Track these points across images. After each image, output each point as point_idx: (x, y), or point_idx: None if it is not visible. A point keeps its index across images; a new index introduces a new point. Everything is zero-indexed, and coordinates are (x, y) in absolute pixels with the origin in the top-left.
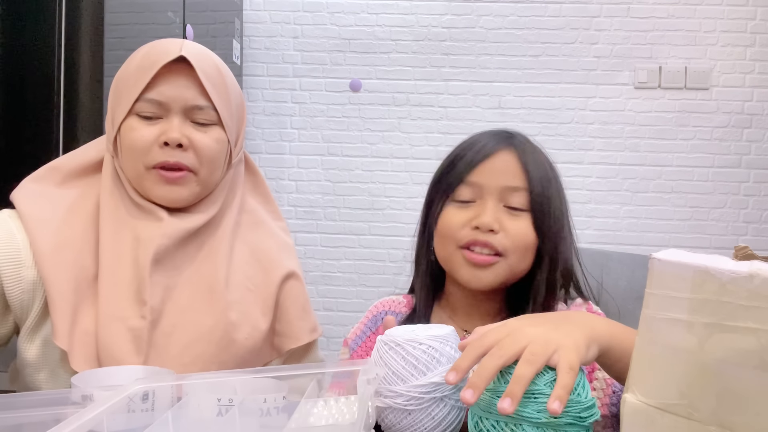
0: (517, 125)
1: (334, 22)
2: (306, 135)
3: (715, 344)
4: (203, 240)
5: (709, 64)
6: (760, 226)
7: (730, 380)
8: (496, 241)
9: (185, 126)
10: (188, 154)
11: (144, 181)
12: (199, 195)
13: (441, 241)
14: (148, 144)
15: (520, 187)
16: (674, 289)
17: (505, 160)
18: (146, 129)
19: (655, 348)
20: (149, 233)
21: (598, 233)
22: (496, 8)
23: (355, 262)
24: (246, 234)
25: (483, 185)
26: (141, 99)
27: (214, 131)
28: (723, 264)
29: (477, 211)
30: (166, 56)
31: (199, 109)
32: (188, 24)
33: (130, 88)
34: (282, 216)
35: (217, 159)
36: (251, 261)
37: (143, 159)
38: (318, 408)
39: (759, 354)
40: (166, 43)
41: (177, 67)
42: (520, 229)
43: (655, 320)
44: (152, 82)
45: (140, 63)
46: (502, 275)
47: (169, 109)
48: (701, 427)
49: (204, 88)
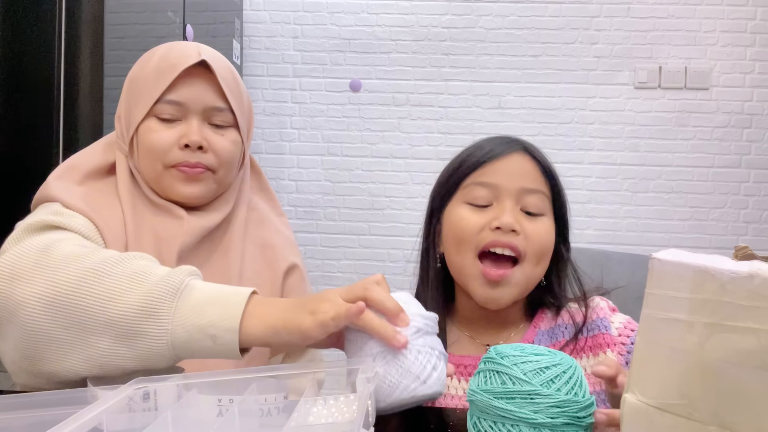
0: (517, 125)
1: (334, 22)
2: (306, 135)
3: (715, 344)
4: (219, 237)
5: (709, 64)
6: (760, 226)
7: (730, 380)
8: (518, 242)
9: (204, 128)
10: (208, 156)
11: (162, 179)
12: (215, 193)
13: (455, 247)
14: (168, 146)
15: (537, 190)
16: (674, 289)
17: (520, 162)
18: (166, 131)
19: (655, 348)
20: (171, 231)
21: (598, 233)
22: (496, 8)
23: (355, 262)
24: (253, 231)
25: (500, 186)
26: (161, 101)
27: (231, 133)
28: (723, 264)
29: (496, 213)
30: (186, 59)
31: (218, 111)
32: (188, 24)
33: (149, 90)
34: (283, 212)
35: (234, 160)
36: (258, 257)
37: (163, 159)
38: (317, 407)
39: (759, 354)
40: (183, 46)
41: (196, 71)
42: (539, 231)
43: (655, 320)
44: (172, 85)
45: (158, 65)
46: (516, 289)
47: (188, 111)
48: (701, 427)
49: (222, 90)
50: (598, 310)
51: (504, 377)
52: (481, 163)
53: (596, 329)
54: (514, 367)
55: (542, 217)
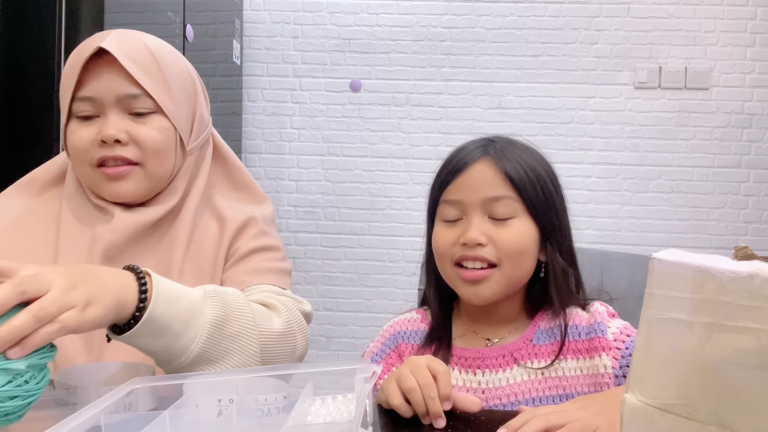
0: (517, 125)
1: (334, 22)
2: (306, 135)
3: (715, 344)
4: (164, 230)
5: (709, 64)
6: (760, 226)
7: (730, 380)
8: (486, 253)
9: (123, 120)
10: (129, 148)
11: (92, 181)
12: (152, 187)
13: (438, 260)
14: (88, 144)
15: (502, 195)
16: (674, 289)
17: (481, 171)
18: (85, 130)
19: (655, 348)
20: (102, 230)
21: (598, 233)
22: (496, 8)
23: (355, 262)
24: (208, 222)
25: (464, 201)
26: (75, 99)
27: (155, 120)
28: (723, 264)
29: (464, 228)
30: (87, 51)
31: (132, 98)
32: (188, 24)
33: (65, 90)
34: (264, 199)
35: (164, 149)
36: (208, 241)
37: (86, 159)
38: (315, 407)
39: (759, 354)
40: (92, 38)
41: (103, 60)
42: (509, 236)
43: (655, 320)
44: (81, 80)
45: (69, 63)
46: (499, 287)
47: (103, 105)
48: (701, 427)
49: (132, 76)
50: (596, 315)
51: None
52: (447, 183)
53: (593, 332)
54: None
55: (512, 220)
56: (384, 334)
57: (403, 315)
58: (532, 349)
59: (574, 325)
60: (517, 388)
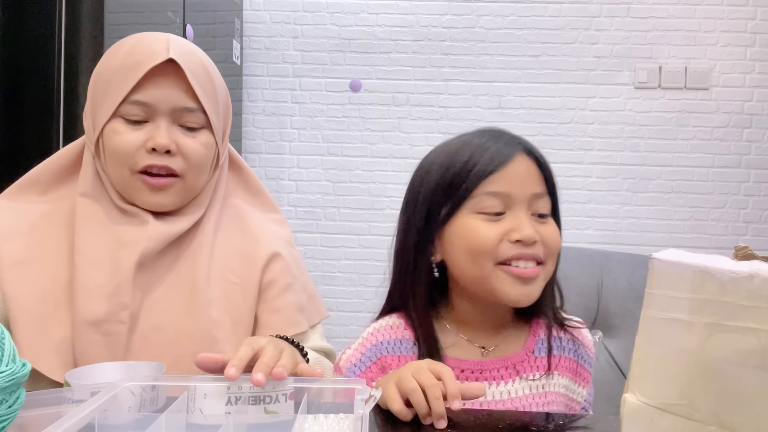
0: (517, 125)
1: (334, 22)
2: (306, 135)
3: (715, 344)
4: (188, 242)
5: (709, 64)
6: (760, 226)
7: (730, 380)
8: (540, 251)
9: (173, 130)
10: (176, 159)
11: (129, 186)
12: (185, 200)
13: (471, 259)
14: (134, 149)
15: (543, 193)
16: (674, 289)
17: (526, 166)
18: (132, 133)
19: (655, 348)
20: (134, 236)
21: (598, 233)
22: (496, 8)
23: (355, 262)
24: (229, 227)
25: (512, 195)
26: (126, 101)
27: (203, 135)
28: (723, 264)
29: (511, 223)
30: (153, 57)
31: (188, 112)
32: (188, 24)
33: (113, 90)
34: (277, 209)
35: (205, 164)
36: (234, 254)
37: (129, 163)
38: (309, 423)
39: (759, 354)
40: (151, 40)
41: (165, 68)
42: (552, 234)
43: (655, 320)
44: (138, 84)
45: (124, 62)
46: (542, 286)
47: (156, 112)
48: (701, 427)
49: (193, 89)
50: (590, 346)
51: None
52: (488, 173)
53: (585, 363)
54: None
55: (550, 218)
56: (365, 343)
57: (384, 320)
58: (534, 361)
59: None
60: (518, 402)
